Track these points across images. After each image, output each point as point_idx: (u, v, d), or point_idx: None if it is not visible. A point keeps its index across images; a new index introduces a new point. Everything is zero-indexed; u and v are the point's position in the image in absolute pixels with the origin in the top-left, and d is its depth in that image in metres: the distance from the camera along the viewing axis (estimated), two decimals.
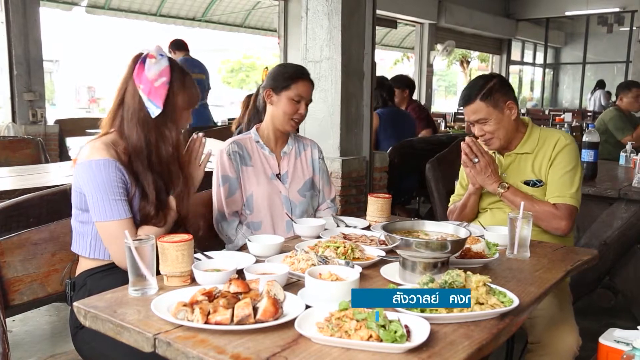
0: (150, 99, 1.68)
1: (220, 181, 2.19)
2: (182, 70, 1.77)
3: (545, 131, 2.22)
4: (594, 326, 2.91)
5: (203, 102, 5.99)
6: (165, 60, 1.70)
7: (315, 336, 1.10)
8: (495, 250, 1.66)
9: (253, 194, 2.21)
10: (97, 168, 1.62)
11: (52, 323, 3.21)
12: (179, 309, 1.19)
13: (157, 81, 1.68)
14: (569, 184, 2.09)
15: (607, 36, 15.19)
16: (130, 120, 1.70)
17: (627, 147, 3.82)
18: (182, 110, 1.76)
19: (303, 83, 2.22)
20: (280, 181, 2.25)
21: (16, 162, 3.82)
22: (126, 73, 1.73)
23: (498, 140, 2.15)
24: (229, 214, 2.19)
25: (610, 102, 11.26)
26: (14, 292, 1.70)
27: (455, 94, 27.07)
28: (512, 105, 2.13)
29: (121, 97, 1.72)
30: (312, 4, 3.79)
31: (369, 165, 4.02)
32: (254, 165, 2.23)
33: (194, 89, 1.78)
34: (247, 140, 2.27)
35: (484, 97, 2.10)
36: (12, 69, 5.45)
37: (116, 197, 1.63)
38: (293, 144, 2.34)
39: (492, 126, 2.12)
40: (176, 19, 9.87)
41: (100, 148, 1.65)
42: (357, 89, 3.86)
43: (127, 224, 1.64)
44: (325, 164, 2.43)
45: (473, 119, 2.15)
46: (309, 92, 2.24)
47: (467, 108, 2.15)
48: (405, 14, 11.99)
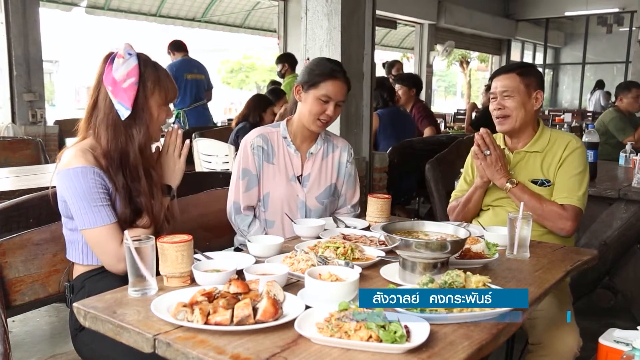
0: (119, 100, 1.64)
1: (240, 173, 2.14)
2: (155, 65, 1.73)
3: (556, 133, 2.23)
4: (593, 326, 2.91)
5: (203, 102, 5.98)
6: (134, 59, 1.66)
7: (315, 337, 1.10)
8: (495, 251, 1.66)
9: (270, 193, 2.17)
10: (75, 176, 1.60)
11: (52, 324, 3.21)
12: (178, 309, 1.19)
13: (125, 82, 1.64)
14: (577, 186, 2.10)
15: (607, 36, 15.20)
16: (101, 124, 1.67)
17: (627, 147, 3.82)
18: (160, 107, 1.73)
19: (333, 83, 2.09)
20: (300, 184, 2.19)
21: (16, 162, 3.82)
22: (97, 75, 1.69)
23: (513, 121, 2.15)
24: (244, 208, 2.16)
25: (610, 103, 11.27)
26: (16, 293, 1.70)
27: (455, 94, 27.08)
28: (540, 96, 2.17)
29: (94, 100, 1.70)
30: (311, 5, 3.79)
31: (368, 166, 4.02)
32: (277, 163, 2.17)
33: (169, 83, 1.75)
34: (275, 134, 2.19)
35: (521, 74, 2.14)
36: (12, 69, 5.46)
37: (98, 204, 1.60)
38: (322, 144, 2.24)
39: (514, 103, 2.13)
40: (176, 20, 9.87)
41: (77, 155, 1.62)
42: (356, 90, 3.86)
43: (112, 228, 1.62)
44: (355, 168, 2.32)
45: (500, 89, 2.15)
46: (339, 92, 2.11)
47: (500, 77, 2.17)
48: (404, 14, 12.01)
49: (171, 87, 1.76)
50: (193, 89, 5.80)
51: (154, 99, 1.71)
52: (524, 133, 2.20)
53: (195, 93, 5.84)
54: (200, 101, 5.92)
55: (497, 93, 2.17)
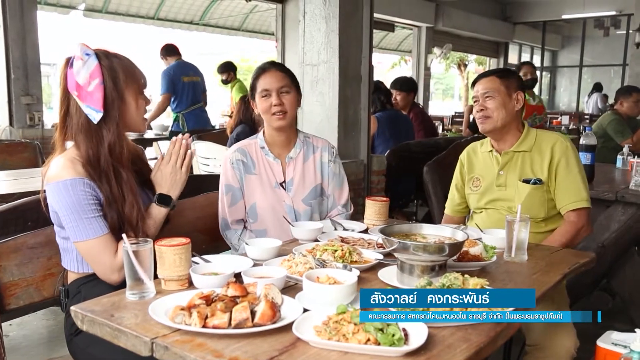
0: (88, 104, 1.59)
1: (224, 189, 2.18)
2: (117, 56, 1.66)
3: (542, 133, 2.26)
4: (591, 329, 2.91)
5: (201, 104, 5.97)
6: (93, 58, 1.59)
7: (313, 340, 1.10)
8: (492, 253, 1.66)
9: (256, 203, 2.18)
10: (64, 189, 1.56)
11: (49, 327, 3.20)
12: (176, 312, 1.18)
13: (90, 85, 1.58)
14: (581, 187, 2.15)
15: (604, 39, 15.24)
16: (77, 132, 1.62)
17: (624, 149, 3.82)
18: (137, 96, 1.69)
19: (264, 76, 2.16)
20: (284, 190, 2.20)
21: (13, 165, 3.81)
22: (61, 83, 1.62)
23: (494, 121, 2.19)
24: (232, 222, 2.18)
25: (607, 105, 11.30)
26: (10, 297, 1.69)
27: (453, 97, 27.11)
28: (521, 97, 2.22)
29: (65, 109, 1.64)
30: (309, 8, 3.79)
31: (366, 169, 4.02)
32: (258, 173, 2.19)
33: (138, 71, 1.70)
34: (253, 146, 2.23)
35: (500, 75, 2.23)
36: (10, 72, 5.44)
37: (89, 215, 1.57)
38: (301, 148, 2.25)
39: (495, 104, 2.18)
40: (173, 23, 9.87)
41: (66, 166, 1.58)
42: (354, 92, 3.86)
43: (105, 240, 1.58)
44: (339, 165, 2.32)
45: (482, 91, 2.21)
46: (273, 81, 2.14)
47: (481, 80, 2.25)
48: (402, 17, 12.03)
49: (141, 73, 1.72)
50: (190, 91, 5.78)
51: (130, 91, 1.66)
52: (508, 134, 2.23)
53: (193, 95, 5.82)
54: (198, 103, 5.91)
55: (478, 96, 2.23)
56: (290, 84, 2.17)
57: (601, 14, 14.45)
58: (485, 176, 2.27)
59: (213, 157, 4.48)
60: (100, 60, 1.61)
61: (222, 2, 10.04)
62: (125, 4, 8.98)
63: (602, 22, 14.95)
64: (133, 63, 1.71)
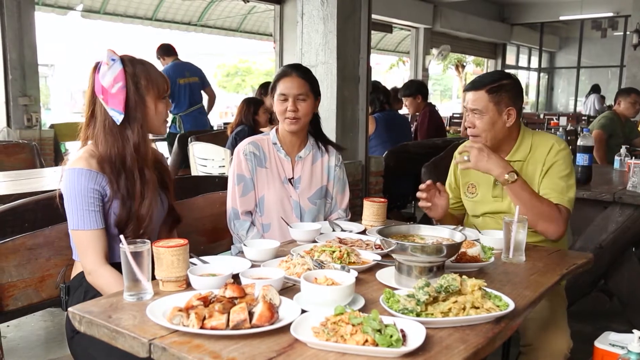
0: (111, 106, 1.68)
1: (235, 180, 2.20)
2: (142, 62, 1.76)
3: (538, 136, 2.16)
4: (589, 329, 2.92)
5: (199, 105, 5.94)
6: (118, 63, 1.69)
7: (311, 341, 1.10)
8: (490, 254, 1.67)
9: (265, 196, 2.22)
10: (73, 176, 1.65)
11: (47, 329, 3.20)
12: (174, 314, 1.18)
13: (114, 87, 1.67)
14: (566, 188, 2.06)
15: (601, 41, 15.24)
16: (99, 131, 1.71)
17: (622, 150, 3.82)
18: (157, 100, 1.76)
19: (284, 80, 2.21)
20: (292, 186, 2.25)
21: (11, 166, 3.81)
22: (89, 87, 1.73)
23: (483, 140, 2.09)
24: (242, 213, 2.20)
25: (605, 106, 11.33)
26: (8, 298, 1.70)
27: (451, 98, 27.14)
28: (512, 112, 2.08)
29: (92, 111, 1.74)
30: (307, 9, 3.80)
31: (364, 170, 4.02)
32: (269, 167, 2.24)
33: (159, 77, 1.77)
34: (265, 141, 2.28)
35: (490, 91, 2.06)
36: (7, 73, 5.43)
37: (89, 208, 1.64)
38: (311, 149, 2.32)
39: (484, 124, 2.07)
40: (171, 24, 9.87)
41: (83, 157, 1.68)
42: (352, 93, 3.87)
43: (96, 235, 1.65)
44: (343, 171, 2.39)
45: (470, 106, 2.10)
46: (291, 87, 2.19)
47: (470, 93, 2.10)
48: (400, 18, 12.05)
49: (162, 80, 1.79)
50: (187, 93, 5.75)
51: (150, 96, 1.74)
52: (502, 146, 2.14)
53: (190, 97, 5.79)
54: (197, 105, 5.88)
55: (468, 108, 2.13)
56: (308, 91, 2.23)
57: (598, 15, 14.47)
58: (481, 183, 2.20)
59: (211, 158, 4.48)
60: (124, 65, 1.70)
61: (220, 3, 10.04)
62: (123, 4, 8.98)
63: (600, 24, 14.95)
64: (156, 69, 1.79)
